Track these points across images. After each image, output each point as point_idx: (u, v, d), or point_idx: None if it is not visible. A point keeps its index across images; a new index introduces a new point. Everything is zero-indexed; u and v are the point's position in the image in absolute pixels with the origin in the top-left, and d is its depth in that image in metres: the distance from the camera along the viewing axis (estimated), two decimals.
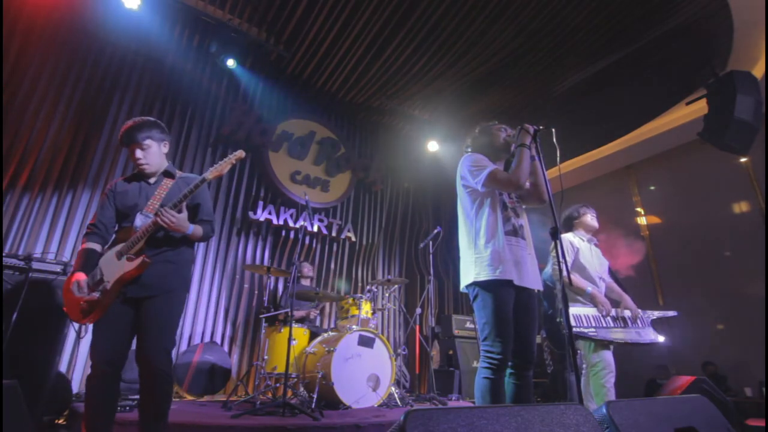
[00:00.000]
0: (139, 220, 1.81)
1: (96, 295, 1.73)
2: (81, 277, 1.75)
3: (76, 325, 3.63)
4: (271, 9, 4.68)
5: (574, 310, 2.59)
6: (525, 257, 1.96)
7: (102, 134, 4.23)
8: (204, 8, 4.72)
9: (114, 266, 1.76)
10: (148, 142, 1.93)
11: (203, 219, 1.96)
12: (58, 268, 2.88)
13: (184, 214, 1.81)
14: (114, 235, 1.92)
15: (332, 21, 4.70)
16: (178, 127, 4.77)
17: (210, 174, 1.85)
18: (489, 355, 1.80)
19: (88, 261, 1.81)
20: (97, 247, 1.87)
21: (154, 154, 1.95)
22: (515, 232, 1.99)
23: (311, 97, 5.94)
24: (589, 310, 2.63)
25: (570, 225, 3.08)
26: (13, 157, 3.69)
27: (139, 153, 1.92)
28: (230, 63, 5.08)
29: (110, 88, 4.40)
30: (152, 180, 1.99)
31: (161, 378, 1.71)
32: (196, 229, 1.89)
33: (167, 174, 2.01)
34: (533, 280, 1.95)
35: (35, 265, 2.78)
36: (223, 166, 1.89)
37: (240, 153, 1.97)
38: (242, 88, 5.41)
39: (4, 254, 2.72)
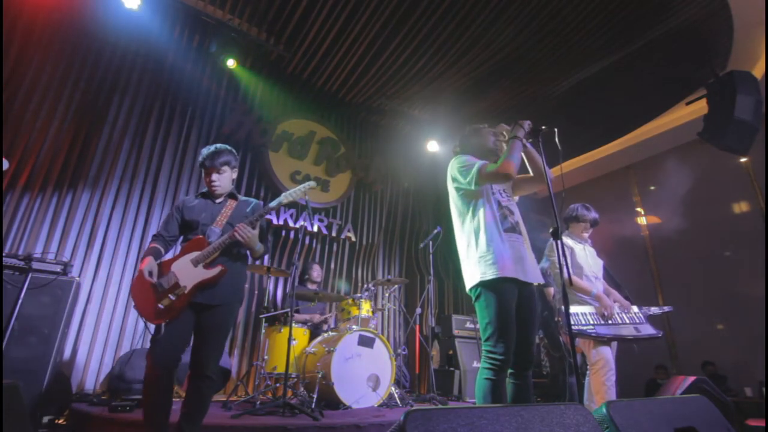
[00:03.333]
0: (213, 234, 2.04)
1: (172, 298, 1.90)
2: (152, 261, 1.96)
3: (76, 326, 3.65)
4: (271, 9, 4.68)
5: (572, 308, 2.58)
6: (525, 252, 1.97)
7: (102, 134, 4.23)
8: (204, 8, 4.72)
9: (191, 272, 1.95)
10: (224, 168, 2.15)
11: (263, 239, 2.18)
12: (58, 268, 2.89)
13: (257, 232, 2.03)
14: (186, 243, 2.09)
15: (332, 21, 4.71)
16: (178, 127, 4.77)
17: (285, 199, 2.12)
18: (491, 356, 1.78)
19: (155, 255, 2.02)
20: (162, 248, 2.09)
21: (226, 178, 2.17)
22: (513, 229, 1.99)
23: (311, 97, 5.94)
24: (587, 308, 2.63)
25: (566, 225, 3.08)
26: (13, 157, 3.69)
27: (215, 176, 2.13)
28: (230, 63, 5.07)
29: (110, 88, 4.39)
30: (218, 200, 2.19)
31: (209, 381, 1.91)
32: (260, 247, 2.09)
33: (231, 196, 2.23)
34: (534, 275, 1.96)
35: (35, 265, 2.78)
36: (296, 194, 2.14)
37: (312, 183, 2.23)
38: (242, 88, 5.41)
39: (4, 254, 2.73)
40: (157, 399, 1.86)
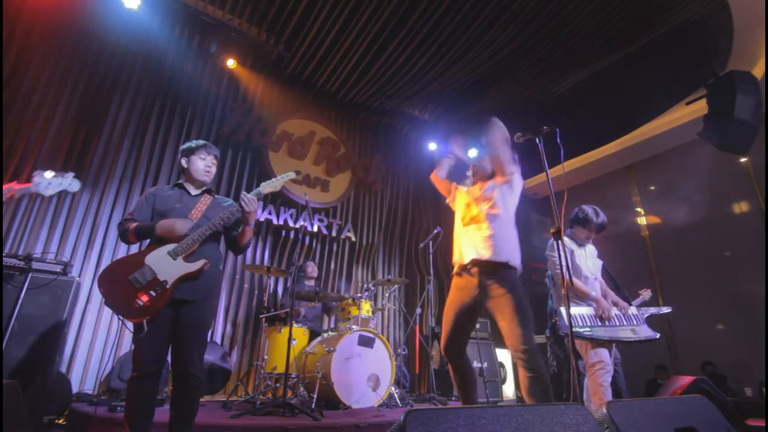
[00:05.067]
0: (189, 226, 1.95)
1: (153, 294, 1.80)
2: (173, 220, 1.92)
3: (76, 326, 3.65)
4: (271, 9, 4.68)
5: (571, 309, 2.55)
6: (477, 239, 2.28)
7: (102, 134, 4.23)
8: (204, 8, 4.72)
9: (171, 266, 1.85)
10: (216, 161, 2.20)
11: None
12: (58, 268, 2.89)
13: (257, 206, 2.03)
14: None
15: (332, 21, 4.71)
16: (178, 127, 4.77)
17: (264, 189, 2.08)
18: None
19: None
20: None
21: (214, 172, 2.19)
22: (470, 221, 2.38)
23: (311, 97, 5.94)
24: (585, 310, 2.61)
25: (571, 224, 3.02)
26: (13, 157, 3.69)
27: (212, 164, 2.16)
28: (230, 63, 5.08)
29: (110, 88, 4.39)
30: (194, 192, 2.14)
31: (195, 381, 1.84)
32: (252, 227, 2.09)
33: (209, 191, 2.19)
34: (473, 253, 2.26)
35: (35, 265, 2.78)
36: (276, 184, 2.12)
37: (292, 174, 2.23)
38: (242, 88, 5.41)
39: (4, 254, 2.72)
40: (141, 404, 1.80)
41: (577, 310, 2.58)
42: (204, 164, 2.12)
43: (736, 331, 5.31)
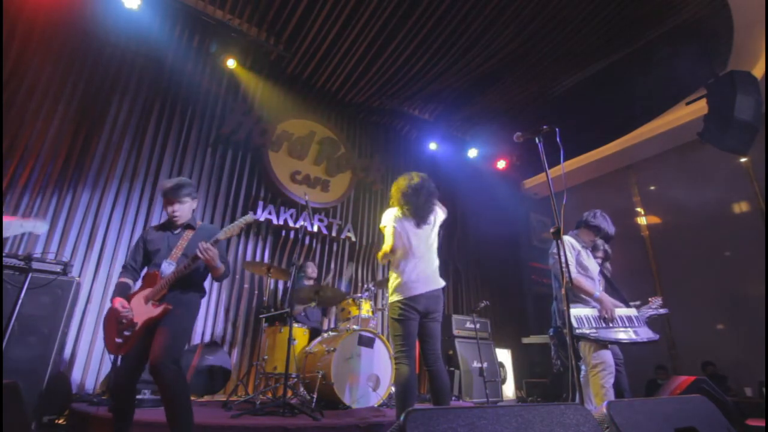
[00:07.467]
0: (166, 268, 2.15)
1: (127, 333, 2.05)
2: (121, 299, 2.10)
3: (76, 326, 3.66)
4: (271, 9, 4.68)
5: (576, 311, 2.56)
6: None
7: (102, 134, 4.23)
8: (204, 8, 4.72)
9: (142, 309, 2.09)
10: (185, 198, 2.28)
11: (223, 260, 2.27)
12: (58, 268, 2.89)
13: (216, 251, 2.12)
14: (141, 278, 2.23)
15: (332, 21, 4.71)
16: (178, 127, 4.77)
17: (222, 236, 2.16)
18: None
19: (123, 292, 2.17)
20: (130, 281, 2.23)
21: (186, 209, 2.30)
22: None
23: (311, 97, 5.94)
24: (589, 311, 2.61)
25: (578, 225, 3.00)
26: (13, 157, 3.69)
27: (176, 206, 2.26)
28: (230, 63, 5.08)
29: (110, 88, 4.39)
30: (176, 231, 2.31)
31: (162, 374, 1.92)
32: (221, 265, 2.19)
33: (188, 226, 2.32)
34: None
35: (35, 265, 2.78)
36: (233, 229, 2.20)
37: (249, 217, 2.28)
38: (242, 88, 5.41)
39: (4, 254, 2.73)
40: (118, 405, 2.06)
41: (582, 312, 2.57)
42: (168, 211, 2.27)
43: (736, 331, 5.31)
